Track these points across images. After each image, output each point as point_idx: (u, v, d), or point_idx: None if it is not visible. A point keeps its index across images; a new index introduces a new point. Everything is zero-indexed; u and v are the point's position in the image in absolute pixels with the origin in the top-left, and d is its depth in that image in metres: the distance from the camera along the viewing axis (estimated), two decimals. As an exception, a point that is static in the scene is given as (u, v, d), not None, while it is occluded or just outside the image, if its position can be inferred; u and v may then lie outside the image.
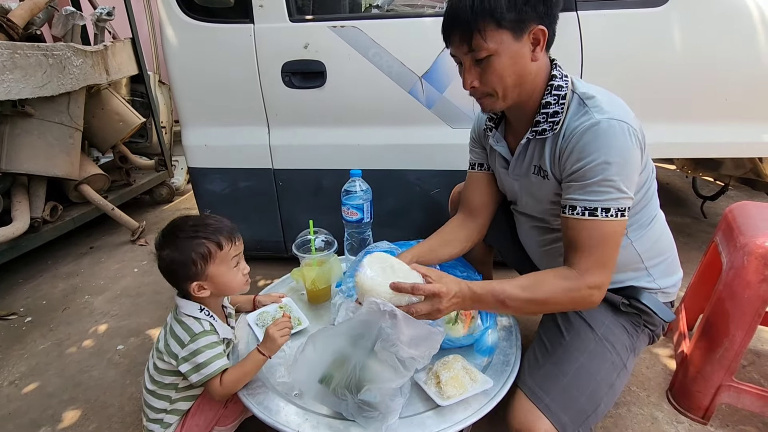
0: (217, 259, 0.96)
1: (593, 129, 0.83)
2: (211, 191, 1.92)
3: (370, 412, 0.83)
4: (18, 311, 1.94)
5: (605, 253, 0.84)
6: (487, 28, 0.81)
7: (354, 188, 1.39)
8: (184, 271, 0.95)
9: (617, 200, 0.82)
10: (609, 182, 0.82)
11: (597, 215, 0.83)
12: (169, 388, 1.00)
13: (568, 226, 0.88)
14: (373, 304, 0.83)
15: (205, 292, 0.96)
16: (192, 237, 0.95)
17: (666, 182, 3.19)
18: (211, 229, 0.96)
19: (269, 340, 0.96)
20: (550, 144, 0.92)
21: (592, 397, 0.88)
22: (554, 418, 0.85)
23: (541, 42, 0.85)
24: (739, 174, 2.05)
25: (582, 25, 1.48)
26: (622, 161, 0.81)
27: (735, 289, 1.12)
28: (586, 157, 0.83)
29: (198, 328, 0.96)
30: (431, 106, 1.64)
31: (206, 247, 0.94)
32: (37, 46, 1.99)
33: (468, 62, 0.87)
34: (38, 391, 1.47)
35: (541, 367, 0.95)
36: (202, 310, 0.99)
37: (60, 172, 2.23)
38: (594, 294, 0.85)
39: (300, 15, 1.65)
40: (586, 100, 0.87)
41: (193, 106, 1.81)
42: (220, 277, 0.97)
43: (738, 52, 1.49)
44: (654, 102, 1.54)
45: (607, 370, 0.92)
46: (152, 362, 1.01)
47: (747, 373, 1.40)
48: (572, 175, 0.86)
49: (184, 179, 3.42)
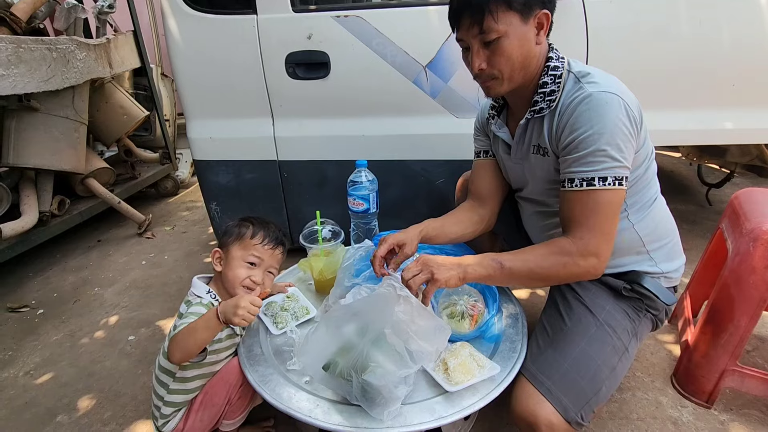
0: (243, 243, 1.04)
1: (585, 101, 0.85)
2: (217, 183, 1.93)
3: (373, 395, 0.84)
4: (30, 304, 1.97)
5: (602, 220, 0.86)
6: (498, 9, 0.84)
7: (360, 179, 1.40)
8: (224, 237, 1.07)
9: (613, 168, 0.84)
10: (602, 152, 0.83)
11: (594, 185, 0.85)
12: (168, 374, 1.02)
13: (566, 199, 0.90)
14: (390, 286, 0.84)
15: (218, 266, 1.04)
16: (251, 220, 1.09)
17: (671, 170, 3.18)
18: (263, 223, 1.09)
19: (231, 305, 0.87)
20: (548, 121, 0.94)
21: (594, 381, 0.90)
22: (556, 402, 0.86)
23: (544, 26, 0.89)
24: (745, 161, 2.04)
25: (587, 11, 1.47)
26: (614, 130, 0.83)
27: (740, 275, 1.13)
28: (579, 128, 0.85)
29: (195, 301, 1.00)
30: (436, 96, 1.64)
31: (246, 228, 1.06)
32: (41, 40, 1.99)
33: (477, 45, 0.89)
34: (53, 381, 1.50)
35: (542, 353, 0.97)
36: (209, 292, 1.03)
37: (67, 166, 2.25)
38: (591, 261, 0.86)
39: (303, 5, 1.64)
40: (581, 78, 0.90)
41: (197, 98, 1.81)
42: (232, 260, 1.03)
43: (745, 36, 1.47)
44: (659, 89, 1.53)
45: (608, 353, 0.94)
46: (163, 348, 1.03)
47: (751, 358, 1.41)
48: (567, 148, 0.88)
49: (189, 172, 3.44)
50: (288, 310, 1.17)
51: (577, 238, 0.86)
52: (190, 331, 0.90)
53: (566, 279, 0.93)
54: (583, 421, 0.87)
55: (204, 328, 0.90)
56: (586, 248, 0.86)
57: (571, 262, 0.86)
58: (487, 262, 0.91)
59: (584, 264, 0.86)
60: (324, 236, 1.33)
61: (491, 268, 0.90)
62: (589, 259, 0.86)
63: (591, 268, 0.87)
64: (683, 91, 1.55)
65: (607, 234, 0.86)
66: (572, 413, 0.86)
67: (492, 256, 0.92)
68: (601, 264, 0.87)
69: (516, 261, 0.90)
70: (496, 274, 0.91)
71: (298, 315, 1.17)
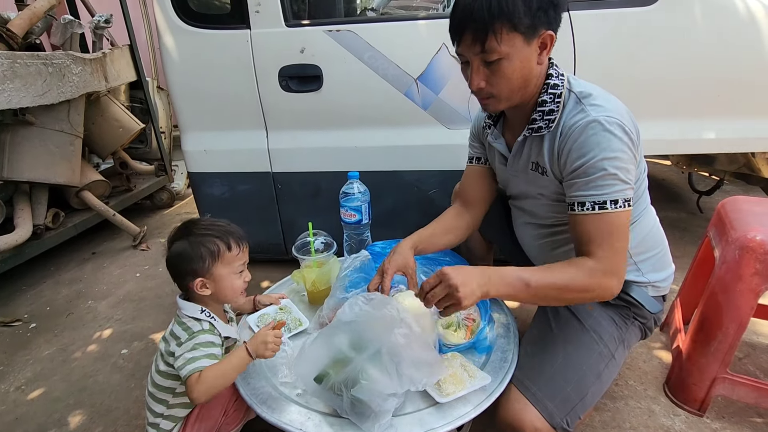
0: (225, 259, 0.98)
1: (591, 126, 0.85)
2: (212, 195, 1.94)
3: (362, 409, 0.84)
4: (22, 318, 1.96)
5: (618, 241, 0.86)
6: (503, 30, 0.82)
7: (352, 190, 1.41)
8: (191, 265, 0.96)
9: (622, 191, 0.85)
10: (612, 176, 0.84)
11: (607, 208, 0.85)
12: (167, 391, 1.01)
13: (578, 221, 0.89)
14: (393, 309, 0.85)
15: (206, 291, 0.98)
16: (204, 234, 0.98)
17: (662, 178, 3.21)
18: (224, 230, 1.00)
19: (260, 342, 0.94)
20: (549, 142, 0.94)
21: (579, 387, 0.91)
22: (541, 407, 0.87)
23: (548, 46, 0.88)
24: (733, 169, 2.07)
25: (574, 24, 1.50)
26: (621, 156, 0.84)
27: (727, 282, 1.14)
28: (586, 153, 0.85)
29: (196, 326, 0.97)
30: (427, 108, 1.66)
31: (216, 245, 0.97)
32: (36, 55, 2.01)
33: (477, 63, 0.88)
34: (44, 396, 1.49)
35: (529, 359, 0.98)
36: (203, 311, 1.00)
37: (61, 180, 2.25)
38: (613, 281, 0.85)
39: (296, 20, 1.67)
40: (583, 99, 0.90)
41: (192, 111, 1.83)
42: (223, 279, 0.99)
43: (727, 48, 1.51)
44: (646, 99, 1.56)
45: (594, 360, 0.95)
46: (155, 365, 1.03)
47: (742, 365, 1.42)
48: (574, 173, 0.88)
49: (185, 183, 3.44)
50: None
51: (599, 258, 0.85)
52: (222, 375, 0.91)
53: (587, 300, 0.91)
54: (569, 427, 0.88)
55: (237, 370, 0.94)
56: (609, 268, 0.85)
57: (596, 284, 0.85)
58: (514, 280, 0.85)
59: (606, 283, 0.85)
60: (317, 247, 1.33)
61: (516, 288, 0.85)
62: (612, 279, 0.85)
63: (612, 288, 0.86)
64: (671, 101, 1.58)
65: (622, 254, 0.87)
66: (558, 419, 0.87)
67: (517, 274, 0.86)
68: (619, 284, 0.87)
69: (544, 280, 0.85)
70: (520, 294, 0.85)
71: (291, 327, 1.17)
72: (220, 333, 1.00)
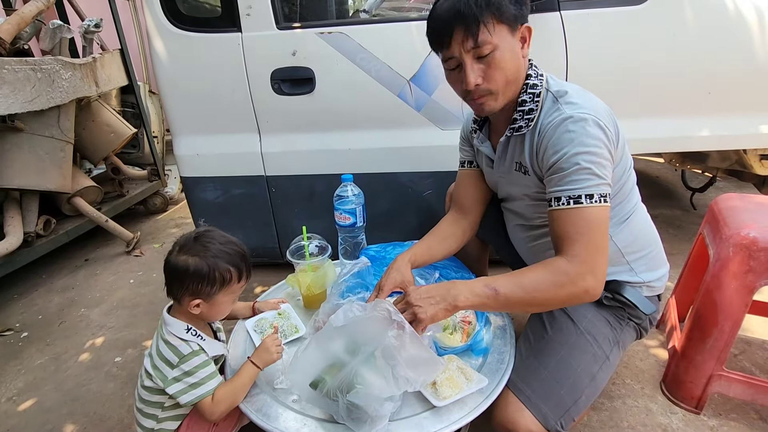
0: (230, 288, 0.96)
1: (565, 123, 0.86)
2: (205, 200, 1.92)
3: (359, 414, 0.83)
4: (14, 327, 1.93)
5: (595, 237, 0.83)
6: (492, 21, 0.83)
7: (346, 193, 1.40)
8: (199, 286, 0.92)
9: (598, 186, 0.84)
10: (586, 170, 0.83)
11: (582, 202, 0.84)
12: (155, 406, 0.99)
13: (554, 218, 0.88)
14: (385, 311, 0.84)
15: (197, 310, 0.95)
16: (221, 257, 0.93)
17: (655, 175, 3.23)
18: (241, 257, 0.96)
19: (264, 351, 0.95)
20: (528, 140, 0.95)
21: (573, 389, 0.90)
22: (535, 409, 0.87)
23: (527, 40, 0.90)
24: (726, 166, 2.08)
25: (565, 24, 1.50)
26: (594, 150, 0.83)
27: (722, 280, 1.15)
28: (561, 149, 0.85)
29: (186, 349, 0.94)
30: (420, 109, 1.66)
31: (230, 273, 0.94)
32: (25, 60, 1.99)
33: (470, 60, 0.87)
34: (36, 407, 1.47)
35: (524, 362, 0.97)
36: (189, 330, 0.96)
37: (52, 186, 2.23)
38: (589, 280, 0.82)
39: (287, 22, 1.66)
40: (559, 98, 0.90)
41: (184, 115, 1.81)
42: (220, 305, 0.96)
43: (718, 46, 1.52)
44: (638, 98, 1.57)
45: (587, 362, 0.94)
46: (140, 380, 1.00)
47: (738, 362, 1.43)
48: (551, 169, 0.88)
49: (178, 188, 3.42)
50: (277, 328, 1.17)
51: (572, 256, 0.83)
52: (234, 394, 0.93)
53: (565, 302, 0.87)
54: (563, 429, 0.87)
55: (248, 383, 0.95)
56: (582, 266, 0.82)
57: (569, 282, 0.82)
58: (480, 290, 0.86)
59: (582, 284, 0.82)
60: (311, 251, 1.32)
61: (485, 296, 0.85)
62: (587, 278, 0.82)
63: (590, 288, 0.83)
64: (663, 99, 1.58)
65: (601, 250, 0.84)
66: (552, 421, 0.86)
67: (485, 282, 0.87)
68: (598, 283, 0.83)
69: (511, 286, 0.85)
70: (490, 302, 0.85)
71: (287, 333, 1.16)
72: (207, 352, 0.96)
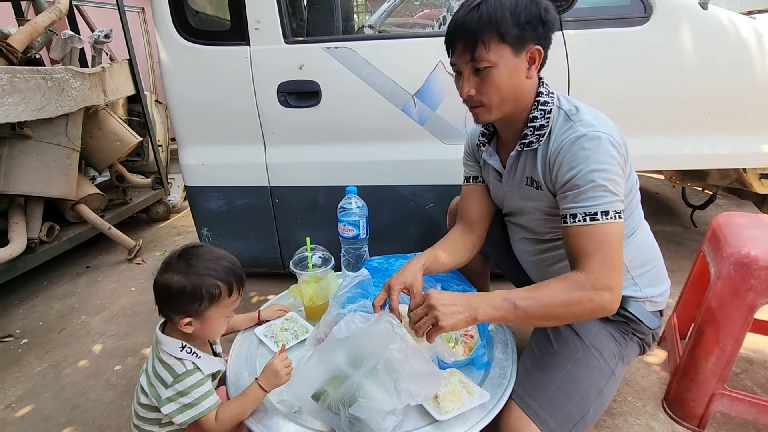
0: (221, 303, 0.94)
1: (580, 140, 0.88)
2: (208, 209, 1.94)
3: (361, 428, 0.83)
4: (14, 333, 1.93)
5: (611, 253, 0.85)
6: (491, 40, 0.87)
7: (350, 205, 1.42)
8: (185, 303, 0.91)
9: (613, 203, 0.86)
10: (602, 187, 0.85)
11: (598, 219, 0.85)
12: (153, 423, 0.98)
13: (570, 234, 0.89)
14: (388, 323, 0.84)
15: (189, 328, 0.93)
16: (207, 274, 0.92)
17: (656, 192, 3.24)
18: (228, 270, 0.94)
19: (271, 375, 0.94)
20: (541, 156, 0.96)
21: (581, 404, 0.90)
22: (543, 425, 0.86)
23: (536, 61, 0.92)
24: (725, 184, 2.10)
25: (567, 44, 1.54)
26: (609, 168, 0.86)
27: (723, 298, 1.15)
28: (576, 166, 0.87)
29: (180, 368, 0.92)
30: (424, 123, 1.68)
31: (219, 288, 0.92)
32: (36, 69, 2.03)
33: (467, 71, 0.92)
34: (34, 415, 1.46)
35: (530, 376, 0.97)
36: (183, 348, 0.94)
37: (57, 193, 2.24)
38: (605, 295, 0.83)
39: (295, 37, 1.69)
40: (572, 116, 0.93)
41: (190, 126, 1.84)
42: (212, 320, 0.94)
43: (718, 66, 1.55)
44: (639, 116, 1.59)
45: (594, 377, 0.94)
46: (136, 396, 0.99)
47: (740, 380, 1.42)
48: (566, 185, 0.90)
49: (181, 197, 3.44)
50: (288, 330, 1.21)
51: (589, 272, 0.84)
52: (235, 415, 0.93)
53: (580, 316, 0.88)
54: None
55: (254, 404, 0.95)
56: (599, 281, 0.83)
57: (587, 298, 0.83)
58: (500, 303, 0.85)
59: (598, 299, 0.83)
60: (314, 263, 1.33)
61: (504, 309, 0.85)
62: (604, 294, 0.83)
63: (606, 303, 0.84)
64: (663, 118, 1.61)
65: (617, 267, 0.86)
66: None
67: (504, 295, 0.86)
68: (615, 299, 0.84)
69: (530, 300, 0.85)
70: (509, 316, 0.85)
71: (298, 333, 1.20)
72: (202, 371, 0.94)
